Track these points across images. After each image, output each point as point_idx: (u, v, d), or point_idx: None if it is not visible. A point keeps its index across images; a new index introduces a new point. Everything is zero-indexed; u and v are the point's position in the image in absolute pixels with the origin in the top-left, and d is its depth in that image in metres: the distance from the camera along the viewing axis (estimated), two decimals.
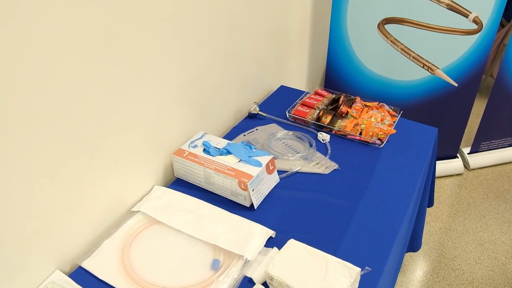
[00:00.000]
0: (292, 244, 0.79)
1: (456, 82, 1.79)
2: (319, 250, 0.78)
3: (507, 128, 2.10)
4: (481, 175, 2.08)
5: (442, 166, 2.04)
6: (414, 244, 1.50)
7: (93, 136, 0.81)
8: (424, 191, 1.36)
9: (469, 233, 1.77)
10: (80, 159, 0.80)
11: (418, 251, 1.70)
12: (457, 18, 1.63)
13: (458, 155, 2.08)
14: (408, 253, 1.70)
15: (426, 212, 1.89)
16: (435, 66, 1.74)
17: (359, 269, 0.76)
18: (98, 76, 0.78)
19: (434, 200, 1.94)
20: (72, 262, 0.86)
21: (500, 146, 2.15)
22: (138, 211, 0.95)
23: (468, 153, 2.12)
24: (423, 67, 1.74)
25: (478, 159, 2.10)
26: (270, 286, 0.76)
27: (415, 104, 1.86)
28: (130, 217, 0.93)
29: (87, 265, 0.84)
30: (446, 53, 1.72)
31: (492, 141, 2.11)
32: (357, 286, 0.77)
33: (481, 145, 2.10)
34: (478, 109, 2.58)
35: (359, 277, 0.78)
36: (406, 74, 1.76)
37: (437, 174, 2.05)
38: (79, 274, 0.83)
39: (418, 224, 1.44)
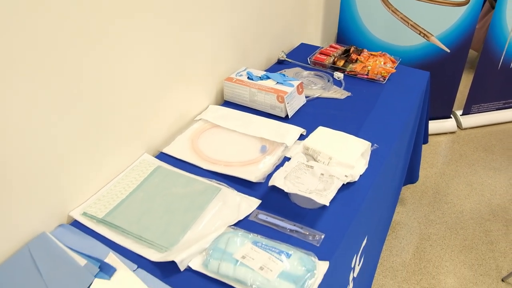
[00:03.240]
0: (321, 128, 1.08)
1: (448, 48, 2.08)
2: (341, 132, 1.07)
3: (495, 93, 2.38)
4: (472, 133, 2.37)
5: (438, 125, 2.33)
6: (412, 176, 1.79)
7: (172, 59, 1.11)
8: (419, 127, 1.65)
9: (460, 177, 2.06)
10: (163, 75, 1.10)
11: (416, 188, 1.98)
12: None
13: (451, 116, 2.37)
14: (409, 189, 1.98)
15: (425, 166, 2.18)
16: (430, 33, 2.04)
17: (370, 143, 1.05)
18: (180, 13, 1.08)
19: (431, 153, 2.23)
20: (155, 149, 1.15)
21: (489, 109, 2.43)
22: (200, 119, 1.24)
23: (460, 115, 2.41)
24: (419, 34, 2.04)
25: (470, 120, 2.39)
26: (306, 155, 1.05)
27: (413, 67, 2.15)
28: (195, 122, 1.23)
29: (167, 150, 1.13)
30: (439, 22, 2.01)
31: (482, 105, 2.40)
32: (368, 158, 1.07)
33: (472, 108, 2.39)
34: (470, 82, 2.87)
35: (370, 150, 1.07)
36: (405, 40, 2.05)
37: (433, 132, 2.34)
38: (161, 156, 1.12)
39: (415, 157, 1.73)
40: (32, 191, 0.85)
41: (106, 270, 0.81)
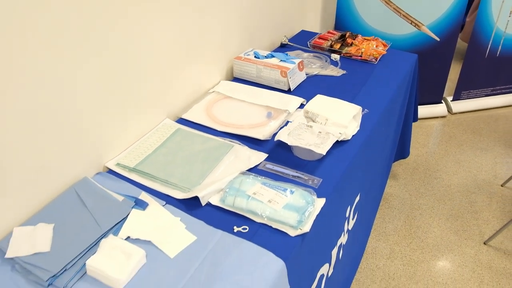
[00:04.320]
0: (319, 96, 1.25)
1: (438, 37, 2.25)
2: (337, 98, 1.24)
3: (483, 81, 2.55)
4: (461, 117, 2.54)
5: (430, 110, 2.50)
6: (404, 152, 1.95)
7: (190, 39, 1.28)
8: (409, 106, 1.82)
9: (449, 155, 2.22)
10: (183, 53, 1.27)
11: (408, 165, 2.14)
12: None
13: (442, 101, 2.54)
14: (401, 165, 2.14)
15: (417, 146, 2.35)
16: (421, 23, 2.20)
17: (361, 107, 1.22)
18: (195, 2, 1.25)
19: (423, 135, 2.39)
20: (175, 115, 1.32)
21: (478, 96, 2.60)
22: (213, 91, 1.41)
23: (451, 100, 2.57)
24: (411, 24, 2.20)
25: (460, 105, 2.56)
26: (306, 117, 1.21)
27: None
28: (209, 94, 1.40)
29: (185, 116, 1.30)
30: (429, 12, 2.18)
31: (471, 91, 2.56)
32: (360, 121, 1.23)
33: (461, 94, 2.56)
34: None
35: (361, 114, 1.23)
36: (397, 29, 2.22)
37: (425, 116, 2.51)
38: (180, 121, 1.29)
39: (405, 134, 1.90)
40: (76, 144, 1.01)
41: (140, 204, 0.98)
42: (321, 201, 0.99)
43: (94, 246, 0.89)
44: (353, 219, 1.39)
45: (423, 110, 2.49)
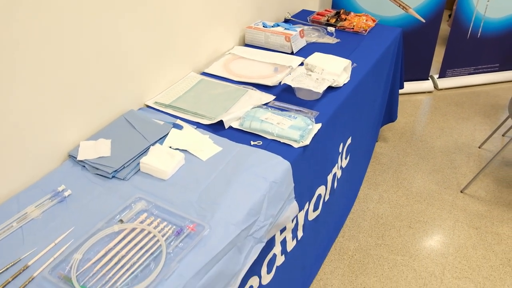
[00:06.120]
0: (317, 53, 1.53)
1: (424, 19, 2.53)
2: (331, 54, 1.52)
3: (466, 60, 2.82)
4: (446, 93, 2.81)
5: (418, 86, 2.77)
6: (392, 116, 2.23)
7: (211, 9, 1.56)
8: (395, 74, 2.09)
9: (434, 123, 2.50)
10: (205, 20, 1.55)
11: (397, 130, 2.42)
12: None
13: (429, 78, 2.81)
14: (390, 130, 2.42)
15: (405, 116, 2.61)
16: (408, 6, 2.48)
17: (350, 61, 1.49)
18: None
19: (411, 107, 2.66)
20: (198, 70, 1.60)
21: (462, 74, 2.87)
22: (229, 53, 1.69)
23: (437, 78, 2.85)
24: (399, 6, 2.48)
25: (445, 82, 2.83)
26: (306, 69, 1.49)
27: None
28: (225, 55, 1.68)
29: (207, 70, 1.58)
30: None
31: (455, 69, 2.84)
32: (350, 72, 1.51)
33: (447, 72, 2.83)
34: None
35: (350, 67, 1.51)
36: (386, 11, 2.50)
37: (413, 91, 2.78)
38: (203, 74, 1.57)
39: (393, 99, 2.17)
40: (125, 83, 1.29)
41: (177, 126, 1.25)
42: (318, 125, 1.27)
43: (144, 152, 1.16)
44: (346, 158, 1.67)
45: (412, 86, 2.76)
